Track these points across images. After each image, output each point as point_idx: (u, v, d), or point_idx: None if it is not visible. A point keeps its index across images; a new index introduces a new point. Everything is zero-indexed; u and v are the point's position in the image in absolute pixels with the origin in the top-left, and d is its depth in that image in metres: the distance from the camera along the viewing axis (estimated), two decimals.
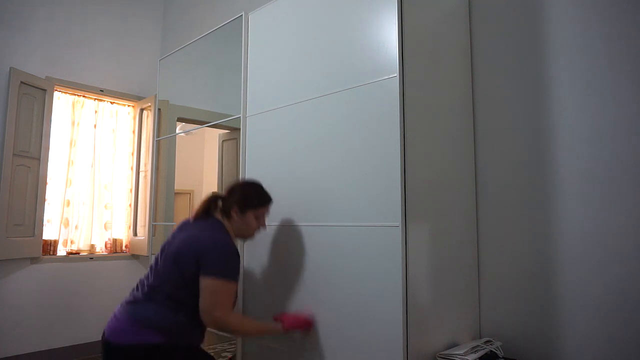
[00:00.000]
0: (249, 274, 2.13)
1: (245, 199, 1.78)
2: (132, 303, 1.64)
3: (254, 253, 2.11)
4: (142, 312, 1.59)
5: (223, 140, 3.27)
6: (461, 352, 1.59)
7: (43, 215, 3.41)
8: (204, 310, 1.58)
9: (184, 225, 1.78)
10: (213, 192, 1.83)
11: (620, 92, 1.62)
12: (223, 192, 1.84)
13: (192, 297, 1.60)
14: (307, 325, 1.77)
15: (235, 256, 1.67)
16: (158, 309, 1.59)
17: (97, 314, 3.61)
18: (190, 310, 1.60)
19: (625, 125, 1.61)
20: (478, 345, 1.67)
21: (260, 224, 1.83)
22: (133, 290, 1.71)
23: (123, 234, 3.97)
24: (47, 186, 3.47)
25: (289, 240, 1.94)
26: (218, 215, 1.79)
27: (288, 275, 1.93)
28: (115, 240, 3.91)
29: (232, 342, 2.92)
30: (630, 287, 1.56)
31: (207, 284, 1.58)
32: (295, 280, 1.90)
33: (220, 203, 1.80)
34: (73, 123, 3.76)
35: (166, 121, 3.47)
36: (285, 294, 1.93)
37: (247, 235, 1.83)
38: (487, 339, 1.77)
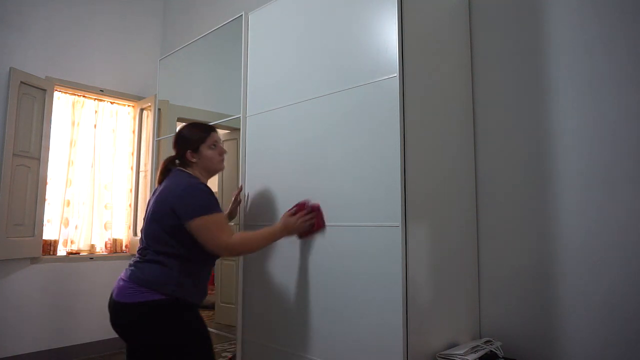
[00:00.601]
0: (248, 274, 2.13)
1: (190, 138, 1.79)
2: (132, 265, 1.70)
3: (254, 253, 2.11)
4: (138, 273, 1.64)
5: (223, 140, 3.27)
6: (461, 352, 1.59)
7: (43, 215, 3.40)
8: (211, 250, 1.63)
9: (155, 191, 1.81)
10: (167, 157, 1.84)
11: (620, 93, 1.62)
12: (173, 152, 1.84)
13: (179, 249, 1.63)
14: (312, 214, 1.76)
15: (208, 192, 1.68)
16: (151, 268, 1.63)
17: (97, 314, 3.61)
18: (181, 263, 1.64)
19: (626, 126, 1.60)
20: (478, 345, 1.67)
21: (219, 151, 1.83)
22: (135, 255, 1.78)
23: (123, 234, 3.97)
24: (47, 186, 3.47)
25: (289, 240, 1.93)
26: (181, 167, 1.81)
27: (288, 275, 1.93)
28: (115, 240, 3.91)
29: (232, 342, 2.92)
30: (631, 287, 1.56)
31: (195, 226, 1.59)
32: (295, 280, 1.90)
33: (176, 160, 1.82)
34: (73, 123, 3.76)
35: (166, 121, 3.47)
36: (285, 294, 1.93)
37: (214, 168, 1.84)
38: (487, 339, 1.77)
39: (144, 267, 1.65)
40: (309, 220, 1.77)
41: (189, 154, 1.77)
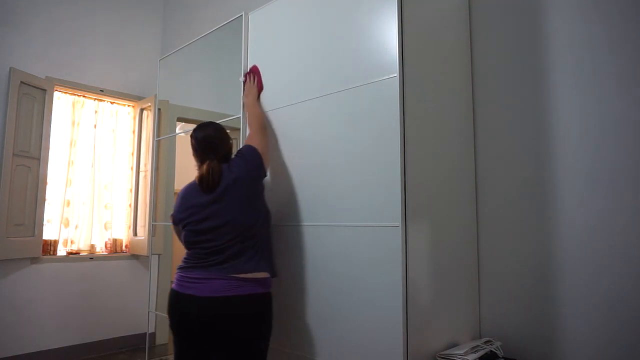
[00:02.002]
0: None
1: (226, 140, 1.90)
2: (221, 263, 1.66)
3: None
4: (241, 266, 1.67)
5: None
6: (461, 352, 1.59)
7: (43, 215, 3.41)
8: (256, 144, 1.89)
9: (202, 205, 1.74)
10: (210, 166, 1.75)
11: (621, 92, 1.62)
12: (205, 151, 1.81)
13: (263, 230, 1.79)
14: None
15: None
16: (249, 262, 1.69)
17: (97, 314, 3.62)
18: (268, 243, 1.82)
19: (627, 126, 1.60)
20: (478, 345, 1.67)
21: None
22: (197, 255, 1.71)
23: (123, 234, 3.97)
24: (47, 186, 3.47)
25: (289, 240, 1.93)
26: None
27: (288, 274, 1.93)
28: (115, 240, 3.91)
29: None
30: (631, 288, 1.56)
31: (249, 143, 1.89)
32: (295, 280, 1.90)
33: (220, 165, 1.79)
34: (73, 123, 3.76)
35: (166, 121, 3.47)
36: (285, 294, 1.93)
37: None
38: (487, 339, 1.77)
39: (239, 263, 1.67)
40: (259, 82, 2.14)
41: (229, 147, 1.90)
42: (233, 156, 1.86)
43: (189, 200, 1.78)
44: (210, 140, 1.82)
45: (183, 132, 3.70)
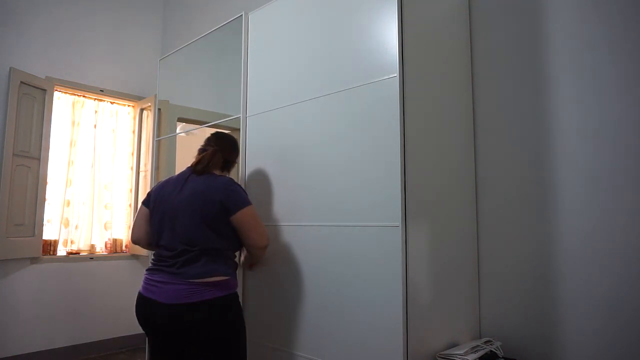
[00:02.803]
0: (248, 274, 2.13)
1: (236, 152, 2.02)
2: (172, 266, 1.67)
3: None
4: (194, 271, 1.64)
5: None
6: (461, 352, 1.59)
7: (43, 215, 3.41)
8: (254, 238, 1.79)
9: (182, 181, 1.80)
10: (212, 149, 1.88)
11: (622, 92, 1.62)
12: (211, 145, 1.91)
13: (224, 244, 1.73)
14: None
15: (243, 188, 1.85)
16: (208, 265, 1.66)
17: (97, 314, 3.61)
18: (228, 257, 1.76)
19: (627, 126, 1.60)
20: (478, 345, 1.67)
21: None
22: (158, 256, 1.74)
23: (123, 234, 3.97)
24: (47, 186, 3.47)
25: (289, 240, 1.94)
26: (217, 171, 1.86)
27: (288, 274, 1.93)
28: (115, 240, 3.91)
29: None
30: (631, 288, 1.56)
31: (242, 216, 1.73)
32: (295, 280, 1.90)
33: (220, 158, 1.89)
34: (73, 123, 3.76)
35: (166, 121, 3.47)
36: (285, 294, 1.93)
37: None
38: (487, 339, 1.77)
39: (200, 266, 1.65)
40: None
41: (234, 163, 1.99)
42: (228, 176, 1.90)
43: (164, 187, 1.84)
44: (224, 138, 1.97)
45: (183, 132, 3.70)
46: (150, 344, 1.75)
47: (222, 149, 1.91)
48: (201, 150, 1.92)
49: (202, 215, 1.68)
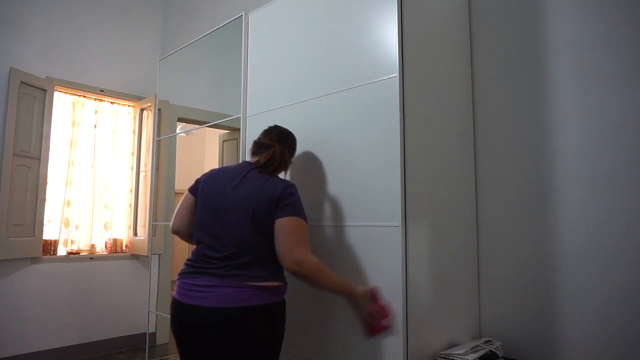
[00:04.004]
0: None
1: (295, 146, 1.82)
2: (225, 269, 1.51)
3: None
4: (246, 275, 1.50)
5: (223, 141, 3.27)
6: (461, 352, 1.59)
7: (43, 215, 3.41)
8: (283, 251, 1.49)
9: (240, 176, 1.62)
10: (280, 147, 1.68)
11: (622, 93, 1.62)
12: (275, 141, 1.71)
13: (269, 251, 1.54)
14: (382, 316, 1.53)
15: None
16: (260, 271, 1.53)
17: (97, 314, 3.62)
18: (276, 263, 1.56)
19: (628, 127, 1.60)
20: (478, 345, 1.67)
21: None
22: (201, 256, 1.57)
23: (123, 234, 3.97)
24: (47, 186, 3.47)
25: None
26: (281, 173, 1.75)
27: (288, 274, 1.93)
28: (115, 240, 3.91)
29: None
30: (631, 288, 1.56)
31: (284, 222, 1.50)
32: (295, 280, 1.90)
33: (289, 159, 1.75)
34: (73, 123, 3.76)
35: (166, 121, 3.48)
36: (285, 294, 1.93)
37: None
38: (487, 339, 1.77)
39: (253, 270, 1.51)
40: (378, 317, 1.52)
41: (288, 156, 1.74)
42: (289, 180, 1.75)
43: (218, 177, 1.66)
44: (289, 135, 1.79)
45: (183, 132, 3.70)
46: (186, 354, 1.58)
47: (291, 149, 1.76)
48: (263, 145, 1.70)
49: (257, 219, 1.52)
